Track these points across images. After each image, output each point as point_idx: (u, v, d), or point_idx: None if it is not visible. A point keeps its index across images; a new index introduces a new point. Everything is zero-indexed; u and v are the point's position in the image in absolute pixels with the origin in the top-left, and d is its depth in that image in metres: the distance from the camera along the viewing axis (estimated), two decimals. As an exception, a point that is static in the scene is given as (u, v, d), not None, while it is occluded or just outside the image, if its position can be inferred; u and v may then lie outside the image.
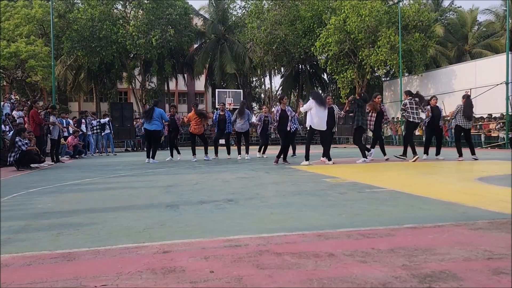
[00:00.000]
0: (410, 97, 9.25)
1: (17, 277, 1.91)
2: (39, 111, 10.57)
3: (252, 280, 1.79)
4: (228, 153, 11.71)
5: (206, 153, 11.14)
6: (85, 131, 15.17)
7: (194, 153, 11.13)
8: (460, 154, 9.17)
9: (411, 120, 9.16)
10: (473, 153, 9.21)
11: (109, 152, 16.19)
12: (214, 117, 11.51)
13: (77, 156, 13.75)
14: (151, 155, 10.49)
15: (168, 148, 12.65)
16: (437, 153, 9.74)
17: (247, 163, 9.61)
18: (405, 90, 10.23)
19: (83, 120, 15.46)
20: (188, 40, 29.92)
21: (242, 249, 2.28)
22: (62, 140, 12.60)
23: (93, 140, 15.69)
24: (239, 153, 11.37)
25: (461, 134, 9.31)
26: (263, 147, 11.94)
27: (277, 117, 9.09)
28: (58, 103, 25.74)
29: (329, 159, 8.86)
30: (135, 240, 2.53)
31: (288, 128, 9.24)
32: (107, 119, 16.15)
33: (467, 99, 9.19)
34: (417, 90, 12.66)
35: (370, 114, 9.27)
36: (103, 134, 15.84)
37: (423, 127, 10.60)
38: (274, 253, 2.19)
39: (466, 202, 3.67)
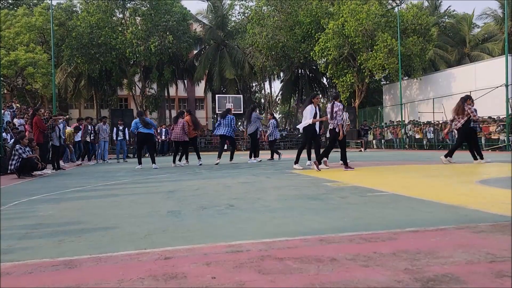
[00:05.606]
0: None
1: (18, 285, 1.91)
2: (42, 118, 10.60)
3: (254, 285, 1.78)
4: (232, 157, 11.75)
5: (186, 158, 11.38)
6: (80, 138, 15.01)
7: (199, 158, 11.32)
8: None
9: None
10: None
11: (121, 158, 15.97)
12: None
13: (81, 163, 13.71)
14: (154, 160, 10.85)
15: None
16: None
17: (248, 168, 9.61)
18: (465, 96, 9.10)
19: (80, 127, 15.38)
20: (187, 46, 30.02)
21: (244, 255, 2.28)
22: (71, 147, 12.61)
23: (102, 147, 15.40)
24: (250, 157, 11.87)
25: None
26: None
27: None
28: (59, 110, 25.77)
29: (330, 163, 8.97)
30: (136, 247, 2.53)
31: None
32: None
33: None
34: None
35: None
36: (118, 139, 15.74)
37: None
38: (276, 258, 2.19)
39: (468, 204, 3.66)
